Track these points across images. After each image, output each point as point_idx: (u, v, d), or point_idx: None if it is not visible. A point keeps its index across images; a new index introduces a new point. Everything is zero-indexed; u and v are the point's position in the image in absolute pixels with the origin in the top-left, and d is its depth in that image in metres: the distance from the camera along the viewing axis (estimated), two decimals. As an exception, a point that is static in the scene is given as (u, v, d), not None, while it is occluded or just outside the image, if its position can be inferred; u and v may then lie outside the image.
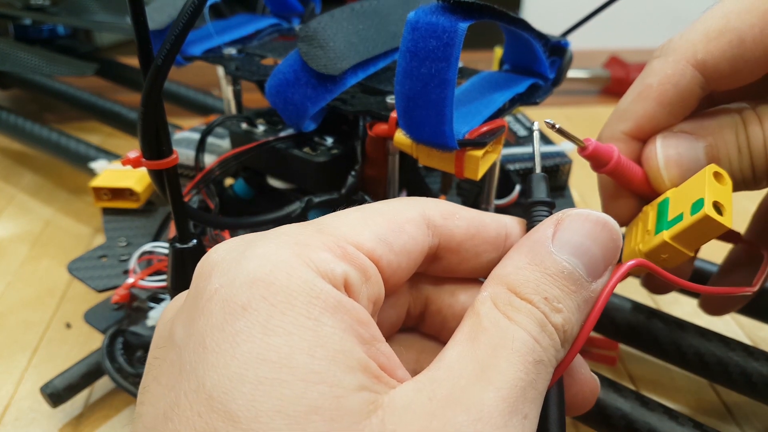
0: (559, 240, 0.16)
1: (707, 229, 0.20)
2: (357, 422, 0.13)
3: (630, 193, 0.25)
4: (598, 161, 0.23)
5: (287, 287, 0.14)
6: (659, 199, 0.23)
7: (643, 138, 0.24)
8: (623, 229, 0.22)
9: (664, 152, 0.23)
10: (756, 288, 0.23)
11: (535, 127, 0.22)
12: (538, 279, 0.16)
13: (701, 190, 0.20)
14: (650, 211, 0.23)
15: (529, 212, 0.19)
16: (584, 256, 0.16)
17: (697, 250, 0.23)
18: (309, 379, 0.13)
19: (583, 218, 0.17)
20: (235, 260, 0.15)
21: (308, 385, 0.13)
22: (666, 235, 0.20)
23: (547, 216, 0.18)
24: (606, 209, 0.26)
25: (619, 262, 0.17)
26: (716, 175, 0.21)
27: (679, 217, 0.20)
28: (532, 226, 0.18)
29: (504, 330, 0.15)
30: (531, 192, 0.20)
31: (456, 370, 0.14)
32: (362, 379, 0.14)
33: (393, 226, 0.17)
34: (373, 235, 0.16)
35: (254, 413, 0.12)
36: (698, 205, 0.20)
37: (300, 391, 0.13)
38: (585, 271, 0.16)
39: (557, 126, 0.21)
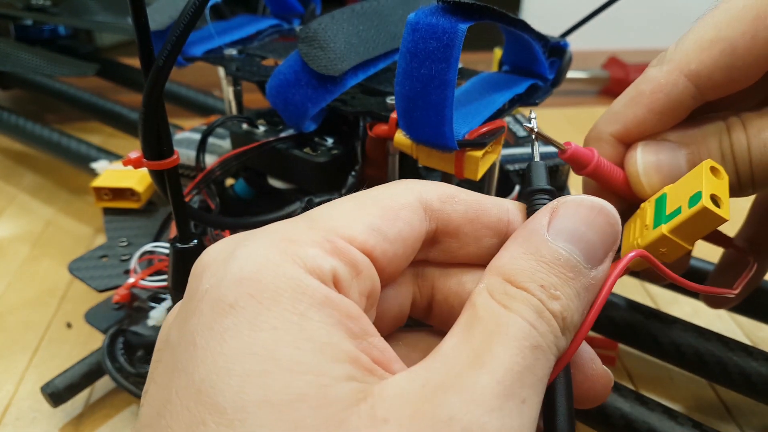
0: (555, 227, 0.16)
1: (706, 221, 0.20)
2: (344, 409, 0.13)
3: (613, 195, 0.25)
4: (578, 163, 0.23)
5: (274, 284, 0.14)
6: (656, 195, 0.23)
7: (629, 142, 0.24)
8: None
9: (643, 159, 0.23)
10: (737, 291, 0.23)
11: (533, 115, 0.22)
12: (534, 267, 0.16)
13: (699, 184, 0.20)
14: (648, 207, 0.23)
15: (529, 200, 0.19)
16: (580, 243, 0.16)
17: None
18: (294, 369, 0.13)
19: (578, 204, 0.17)
20: (224, 261, 0.15)
21: (294, 375, 0.13)
22: (665, 228, 0.21)
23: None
24: None
25: (618, 258, 0.17)
26: (713, 169, 0.21)
27: (677, 211, 0.21)
28: (532, 215, 0.18)
29: (499, 317, 0.15)
30: (530, 180, 0.19)
31: (451, 358, 0.14)
32: (350, 370, 0.14)
33: (388, 214, 0.16)
34: (365, 227, 0.16)
35: (241, 404, 0.13)
36: (696, 197, 0.20)
37: (286, 380, 0.13)
38: (583, 258, 0.16)
39: (536, 130, 0.21)
